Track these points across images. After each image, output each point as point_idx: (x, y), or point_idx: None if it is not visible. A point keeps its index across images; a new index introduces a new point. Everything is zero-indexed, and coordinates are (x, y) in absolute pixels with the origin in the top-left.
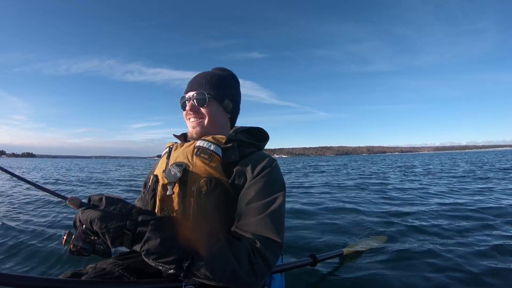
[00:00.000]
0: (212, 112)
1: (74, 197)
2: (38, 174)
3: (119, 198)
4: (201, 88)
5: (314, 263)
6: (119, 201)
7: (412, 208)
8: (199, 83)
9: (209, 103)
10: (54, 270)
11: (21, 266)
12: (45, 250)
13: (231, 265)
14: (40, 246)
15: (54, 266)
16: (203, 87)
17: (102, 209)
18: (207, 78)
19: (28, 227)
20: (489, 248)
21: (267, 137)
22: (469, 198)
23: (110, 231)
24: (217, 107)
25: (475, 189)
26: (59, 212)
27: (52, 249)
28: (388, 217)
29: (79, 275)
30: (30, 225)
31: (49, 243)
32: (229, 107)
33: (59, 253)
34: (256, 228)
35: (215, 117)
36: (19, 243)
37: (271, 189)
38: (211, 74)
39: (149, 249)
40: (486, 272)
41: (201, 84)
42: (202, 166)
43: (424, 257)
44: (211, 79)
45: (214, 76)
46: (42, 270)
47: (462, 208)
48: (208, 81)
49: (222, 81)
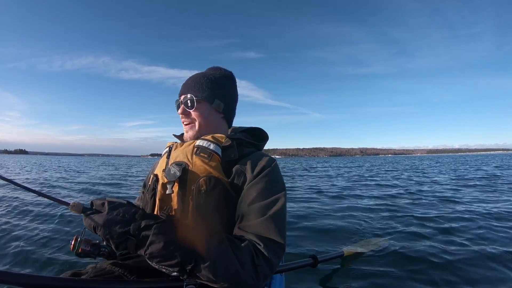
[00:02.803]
0: (202, 114)
1: (77, 203)
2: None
3: (121, 203)
4: (190, 91)
5: (315, 264)
6: (122, 205)
7: (413, 209)
8: (188, 87)
9: (198, 106)
10: (53, 269)
11: (21, 266)
12: (45, 255)
13: (234, 267)
14: (40, 250)
15: (54, 267)
16: (192, 90)
17: (105, 215)
18: (196, 80)
19: (27, 233)
20: (492, 250)
21: (266, 137)
22: (473, 202)
23: (114, 237)
24: (208, 108)
25: (475, 192)
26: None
27: (54, 254)
28: (389, 218)
29: (79, 275)
30: (29, 231)
31: (49, 248)
32: (220, 107)
33: (59, 258)
34: (259, 229)
35: (206, 119)
36: (19, 247)
37: (272, 190)
38: (201, 76)
39: (153, 253)
40: (486, 273)
41: (190, 87)
42: (202, 165)
43: (424, 259)
44: (200, 80)
45: (203, 77)
46: (42, 270)
47: (466, 211)
48: (197, 83)
49: (212, 82)
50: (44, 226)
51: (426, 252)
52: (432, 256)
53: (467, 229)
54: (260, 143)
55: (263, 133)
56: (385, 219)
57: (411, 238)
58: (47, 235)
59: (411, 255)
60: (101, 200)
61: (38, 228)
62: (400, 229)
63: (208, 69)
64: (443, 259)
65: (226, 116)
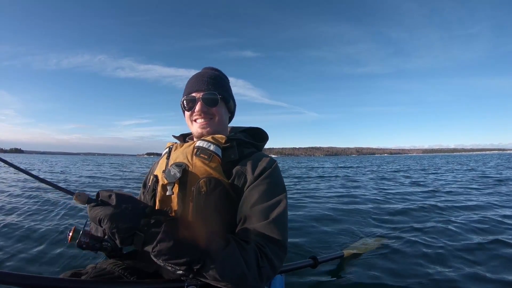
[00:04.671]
0: (221, 112)
1: (82, 192)
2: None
3: (130, 196)
4: (212, 89)
5: (315, 265)
6: (130, 199)
7: (414, 210)
8: (208, 84)
9: (220, 104)
10: (54, 269)
11: (21, 268)
12: (46, 250)
13: (240, 268)
14: (41, 245)
15: (54, 265)
16: (214, 88)
17: (113, 208)
18: (216, 79)
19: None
20: (493, 250)
21: (266, 137)
22: (470, 200)
23: (120, 231)
24: (224, 107)
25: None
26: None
27: (54, 248)
28: (389, 219)
29: (79, 275)
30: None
31: (51, 242)
32: (231, 107)
33: (60, 253)
34: (263, 232)
35: (222, 117)
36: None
37: (273, 192)
38: (215, 75)
39: (161, 250)
40: (486, 273)
41: (210, 84)
42: (202, 166)
43: (424, 259)
44: (218, 80)
45: (218, 77)
46: (42, 270)
47: (466, 210)
48: (217, 82)
49: (225, 82)
50: (44, 220)
51: (426, 252)
52: (433, 257)
53: (467, 229)
54: (260, 143)
55: (263, 133)
56: (385, 219)
57: (411, 239)
58: (46, 230)
59: (411, 255)
60: (108, 192)
61: (38, 223)
62: (401, 230)
63: (206, 68)
64: (444, 260)
65: (231, 116)
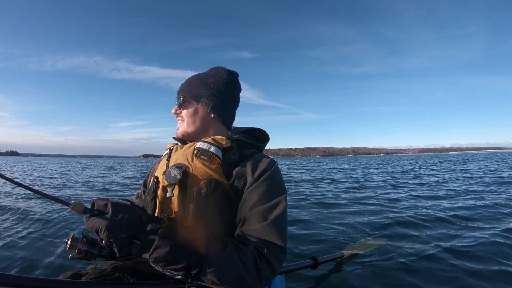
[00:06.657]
0: (188, 113)
1: (78, 203)
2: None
3: (125, 204)
4: (180, 92)
5: (315, 265)
6: (126, 207)
7: (414, 210)
8: (181, 87)
9: (185, 105)
10: (54, 269)
11: (21, 266)
12: (46, 250)
13: (239, 271)
14: (38, 252)
15: (54, 265)
16: (182, 90)
17: (109, 218)
18: (190, 81)
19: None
20: (493, 250)
21: (267, 138)
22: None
23: (118, 240)
24: (195, 108)
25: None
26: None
27: (53, 253)
28: (389, 219)
29: (79, 276)
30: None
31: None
32: (207, 106)
33: (60, 253)
34: (261, 234)
35: (192, 118)
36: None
37: (273, 193)
38: (193, 76)
39: (158, 257)
40: (486, 274)
41: (182, 87)
42: (202, 168)
43: (424, 259)
44: (190, 81)
45: (194, 77)
46: (42, 271)
47: (465, 210)
48: (186, 84)
49: (200, 81)
50: (42, 227)
51: (426, 252)
52: (433, 257)
53: (468, 229)
54: (261, 144)
55: (264, 134)
56: (385, 219)
57: (412, 239)
58: (45, 236)
59: (412, 256)
60: (104, 201)
61: (36, 230)
62: (401, 230)
63: (209, 69)
64: (444, 260)
65: (218, 115)
